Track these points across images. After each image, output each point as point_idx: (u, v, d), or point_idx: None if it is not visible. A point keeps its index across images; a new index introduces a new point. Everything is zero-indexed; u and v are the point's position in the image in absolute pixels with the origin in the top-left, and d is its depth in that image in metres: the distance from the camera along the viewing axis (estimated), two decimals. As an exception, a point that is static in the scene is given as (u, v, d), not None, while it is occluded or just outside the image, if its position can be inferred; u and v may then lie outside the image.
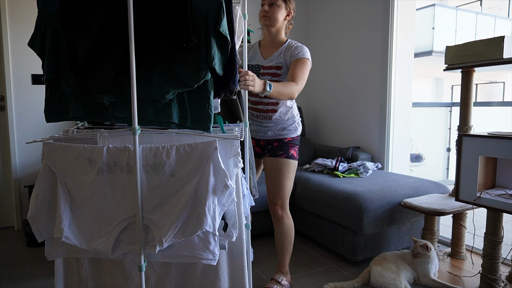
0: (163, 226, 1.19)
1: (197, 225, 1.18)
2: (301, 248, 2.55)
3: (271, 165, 1.93)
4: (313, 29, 3.77)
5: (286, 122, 1.95)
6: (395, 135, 2.97)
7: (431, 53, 7.44)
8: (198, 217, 1.19)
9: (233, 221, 1.29)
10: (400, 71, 2.94)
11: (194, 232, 1.19)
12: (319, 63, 3.72)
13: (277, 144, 1.93)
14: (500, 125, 5.09)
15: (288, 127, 1.95)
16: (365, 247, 2.25)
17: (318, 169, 2.93)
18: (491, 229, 1.81)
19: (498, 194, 1.79)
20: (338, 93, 3.49)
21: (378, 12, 2.98)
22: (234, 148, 1.29)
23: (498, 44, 1.82)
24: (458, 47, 2.03)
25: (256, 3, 3.58)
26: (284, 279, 1.96)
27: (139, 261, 1.22)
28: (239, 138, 1.28)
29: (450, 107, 5.37)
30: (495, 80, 9.94)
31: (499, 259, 1.81)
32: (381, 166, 2.99)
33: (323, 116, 3.71)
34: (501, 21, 8.78)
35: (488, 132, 1.83)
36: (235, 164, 1.29)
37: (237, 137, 1.28)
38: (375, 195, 2.25)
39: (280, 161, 1.91)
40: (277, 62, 1.91)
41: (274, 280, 1.95)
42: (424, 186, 2.47)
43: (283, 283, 1.94)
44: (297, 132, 1.98)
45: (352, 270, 2.21)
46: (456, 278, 2.05)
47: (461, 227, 2.29)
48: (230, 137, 1.29)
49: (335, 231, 2.38)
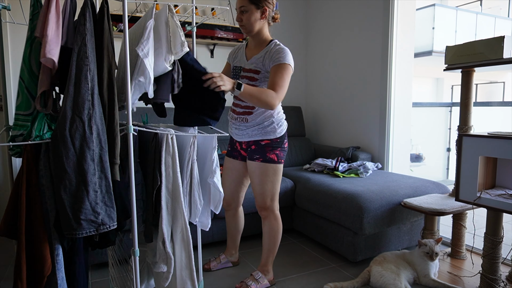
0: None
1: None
2: (301, 248, 2.55)
3: (250, 168, 1.94)
4: (313, 29, 3.77)
5: (263, 123, 1.87)
6: (395, 135, 2.97)
7: (431, 53, 7.45)
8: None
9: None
10: (400, 71, 2.94)
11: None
12: (319, 63, 3.72)
13: (255, 147, 1.91)
14: (500, 125, 5.10)
15: (265, 128, 1.87)
16: (365, 247, 2.25)
17: (318, 169, 2.93)
18: (491, 229, 1.81)
19: (498, 194, 1.79)
20: (338, 93, 3.49)
21: (378, 12, 2.98)
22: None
23: (498, 44, 1.82)
24: (458, 47, 2.03)
25: (256, 3, 3.59)
26: (263, 277, 1.97)
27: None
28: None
29: (450, 107, 5.38)
30: (495, 80, 9.95)
31: (499, 259, 1.81)
32: (381, 166, 2.99)
33: (323, 116, 3.71)
34: (501, 21, 8.78)
35: (488, 132, 1.83)
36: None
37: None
38: (375, 195, 2.25)
39: (257, 165, 1.89)
40: (256, 66, 1.84)
41: (252, 277, 1.97)
42: (424, 186, 2.47)
43: (261, 281, 1.96)
44: (277, 134, 1.88)
45: (352, 270, 2.21)
46: (456, 278, 2.05)
47: (461, 227, 2.29)
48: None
49: (335, 231, 2.38)
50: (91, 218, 1.17)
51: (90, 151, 1.17)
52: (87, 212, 1.16)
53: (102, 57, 1.21)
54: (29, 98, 1.22)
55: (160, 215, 1.35)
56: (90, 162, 1.16)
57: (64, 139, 1.14)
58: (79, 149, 1.16)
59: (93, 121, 1.17)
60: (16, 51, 2.83)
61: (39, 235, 1.20)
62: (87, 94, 1.17)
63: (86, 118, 1.16)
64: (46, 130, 1.25)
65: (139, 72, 1.28)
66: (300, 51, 3.88)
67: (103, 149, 1.20)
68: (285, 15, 3.76)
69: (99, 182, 1.19)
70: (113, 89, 1.24)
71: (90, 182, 1.16)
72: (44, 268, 1.20)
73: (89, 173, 1.16)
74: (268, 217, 1.98)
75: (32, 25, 1.24)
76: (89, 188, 1.16)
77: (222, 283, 2.05)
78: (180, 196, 1.35)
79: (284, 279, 2.11)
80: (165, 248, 1.34)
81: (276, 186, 1.94)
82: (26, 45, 1.23)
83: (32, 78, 1.22)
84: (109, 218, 1.22)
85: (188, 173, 1.40)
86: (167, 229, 1.35)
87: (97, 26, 1.22)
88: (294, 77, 3.86)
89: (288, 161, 3.35)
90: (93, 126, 1.17)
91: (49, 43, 1.13)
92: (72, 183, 1.15)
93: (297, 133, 3.56)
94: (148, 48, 1.25)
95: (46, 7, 1.16)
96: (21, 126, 1.23)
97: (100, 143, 1.19)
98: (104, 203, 1.20)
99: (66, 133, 1.14)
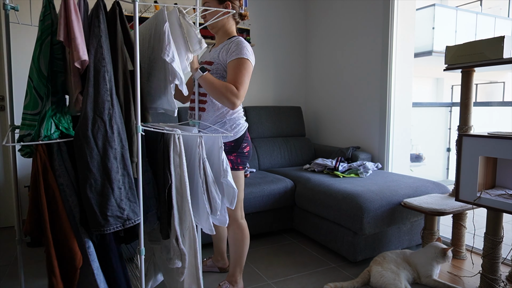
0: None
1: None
2: (301, 248, 2.55)
3: None
4: (313, 29, 3.77)
5: (214, 125, 1.73)
6: (395, 135, 2.97)
7: (431, 53, 7.44)
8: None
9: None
10: (400, 71, 2.94)
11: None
12: (319, 63, 3.73)
13: None
14: (500, 125, 5.10)
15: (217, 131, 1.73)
16: (365, 247, 2.25)
17: (318, 169, 2.93)
18: (491, 229, 1.81)
19: (498, 194, 1.79)
20: (338, 93, 3.49)
21: (378, 12, 2.98)
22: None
23: (498, 44, 1.82)
24: (458, 47, 2.03)
25: (256, 3, 3.59)
26: (230, 287, 1.90)
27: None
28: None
29: (450, 107, 5.38)
30: (495, 80, 9.95)
31: (499, 259, 1.82)
32: (381, 166, 2.99)
33: (323, 116, 3.71)
34: (501, 21, 8.78)
35: (488, 132, 1.83)
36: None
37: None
38: (375, 195, 2.25)
39: None
40: (211, 57, 1.74)
41: (219, 286, 1.89)
42: (424, 186, 2.47)
43: None
44: (229, 138, 1.73)
45: (352, 270, 2.21)
46: (456, 278, 2.05)
47: (461, 227, 2.29)
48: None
49: (335, 231, 2.38)
50: (117, 214, 1.22)
51: (113, 150, 1.21)
52: (113, 209, 1.20)
53: (117, 59, 1.25)
54: (37, 98, 1.24)
55: (172, 213, 1.39)
56: (113, 161, 1.21)
57: (88, 140, 1.18)
58: (102, 149, 1.19)
59: (114, 121, 1.21)
60: (18, 51, 2.83)
61: (65, 231, 1.23)
62: (106, 95, 1.20)
63: (107, 118, 1.20)
64: (53, 130, 1.26)
65: (171, 75, 1.35)
66: (300, 51, 3.88)
67: (124, 147, 1.24)
68: (285, 15, 3.76)
69: (122, 179, 1.23)
70: (128, 89, 1.28)
71: (114, 180, 1.21)
72: (75, 261, 1.24)
73: (113, 171, 1.20)
74: (231, 225, 1.84)
75: (43, 26, 1.24)
76: (113, 185, 1.20)
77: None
78: (187, 194, 1.38)
79: (284, 279, 2.11)
80: (178, 245, 1.37)
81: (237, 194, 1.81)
82: (36, 46, 1.24)
83: (41, 78, 1.23)
84: (134, 213, 1.27)
85: (202, 172, 1.44)
86: (179, 227, 1.39)
87: (110, 27, 1.25)
88: (294, 77, 3.87)
89: (288, 161, 3.35)
90: (114, 125, 1.21)
91: (81, 45, 1.16)
92: (97, 182, 1.19)
93: (297, 133, 3.56)
94: (172, 51, 1.31)
95: (65, 10, 1.16)
96: (28, 125, 1.25)
97: (121, 142, 1.23)
98: (128, 199, 1.25)
99: (89, 134, 1.18)
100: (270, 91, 3.75)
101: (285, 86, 3.83)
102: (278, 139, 3.41)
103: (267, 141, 3.32)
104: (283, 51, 3.78)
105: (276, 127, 3.44)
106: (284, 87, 3.83)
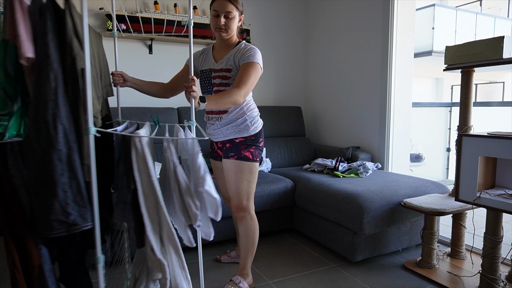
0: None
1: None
2: (301, 248, 2.55)
3: (224, 166, 1.92)
4: (313, 29, 3.77)
5: (236, 121, 1.88)
6: (395, 135, 2.98)
7: (431, 53, 7.44)
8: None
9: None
10: (400, 71, 2.94)
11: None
12: (319, 63, 3.73)
13: (229, 145, 1.90)
14: (500, 125, 5.09)
15: (238, 126, 1.88)
16: (365, 247, 2.26)
17: (318, 169, 2.93)
18: (491, 229, 1.82)
19: (498, 194, 1.79)
20: (338, 93, 3.49)
21: (378, 12, 2.98)
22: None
23: (498, 44, 1.82)
24: (458, 47, 2.03)
25: (256, 3, 3.59)
26: (243, 281, 1.95)
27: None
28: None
29: (450, 107, 5.37)
30: (495, 80, 9.95)
31: (498, 259, 1.82)
32: (381, 166, 2.99)
33: (323, 116, 3.71)
34: (501, 21, 8.78)
35: (488, 132, 1.83)
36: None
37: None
38: (375, 195, 2.25)
39: (232, 163, 1.88)
40: (226, 64, 1.86)
41: (232, 282, 1.94)
42: (424, 186, 2.47)
43: (241, 285, 1.93)
44: (250, 132, 1.89)
45: (352, 270, 2.21)
46: (456, 278, 2.06)
47: (461, 227, 2.29)
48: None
49: (335, 231, 2.38)
50: (61, 218, 1.14)
51: (56, 151, 1.13)
52: (57, 213, 1.13)
53: (65, 57, 1.18)
54: (6, 98, 1.21)
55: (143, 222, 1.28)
56: (57, 162, 1.13)
57: (29, 140, 1.13)
58: (45, 150, 1.12)
59: (58, 121, 1.13)
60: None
61: (20, 229, 1.21)
62: (50, 94, 1.14)
63: (51, 118, 1.13)
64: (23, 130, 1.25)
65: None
66: (300, 51, 3.88)
67: (72, 148, 1.16)
68: (285, 15, 3.76)
69: (68, 182, 1.16)
70: (78, 89, 1.20)
71: (58, 183, 1.13)
72: (32, 257, 1.21)
73: (56, 173, 1.13)
74: (244, 218, 1.93)
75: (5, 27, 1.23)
76: (57, 188, 1.13)
77: (223, 277, 2.07)
78: (160, 200, 1.28)
79: (284, 279, 2.11)
80: (155, 255, 1.28)
81: (252, 185, 1.91)
82: (0, 47, 1.23)
83: (8, 79, 1.21)
84: (82, 219, 1.19)
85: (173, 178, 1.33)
86: (153, 236, 1.28)
87: (60, 24, 1.18)
88: (294, 77, 3.87)
89: (288, 161, 3.35)
90: (59, 125, 1.14)
91: (25, 42, 1.12)
92: (40, 184, 1.13)
93: (297, 133, 3.56)
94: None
95: (11, 8, 1.13)
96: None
97: (67, 143, 1.15)
98: (76, 203, 1.17)
99: (31, 134, 1.13)
100: (270, 91, 3.75)
101: (285, 86, 3.84)
102: (278, 139, 3.41)
103: (267, 141, 3.33)
104: (283, 51, 3.78)
105: (276, 127, 3.44)
106: (284, 87, 3.83)
